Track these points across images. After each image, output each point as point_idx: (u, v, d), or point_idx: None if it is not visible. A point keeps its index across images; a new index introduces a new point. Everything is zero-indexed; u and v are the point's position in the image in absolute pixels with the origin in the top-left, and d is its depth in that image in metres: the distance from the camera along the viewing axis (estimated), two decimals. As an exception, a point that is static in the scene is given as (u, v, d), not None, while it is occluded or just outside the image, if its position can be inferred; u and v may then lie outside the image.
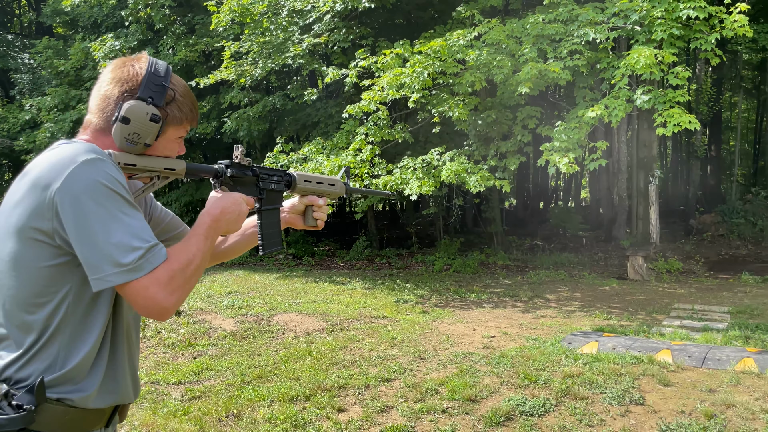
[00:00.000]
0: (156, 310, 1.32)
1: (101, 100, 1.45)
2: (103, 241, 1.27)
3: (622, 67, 7.00)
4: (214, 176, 1.61)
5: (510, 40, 7.81)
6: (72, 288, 1.34)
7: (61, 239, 1.30)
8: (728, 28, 6.75)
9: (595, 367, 5.34)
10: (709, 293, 9.27)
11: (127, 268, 1.28)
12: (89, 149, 1.33)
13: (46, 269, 1.32)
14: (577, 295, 9.30)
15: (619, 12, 7.46)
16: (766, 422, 3.98)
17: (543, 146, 7.65)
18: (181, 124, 1.52)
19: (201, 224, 1.48)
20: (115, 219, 1.29)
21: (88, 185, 1.27)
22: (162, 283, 1.31)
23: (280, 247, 1.83)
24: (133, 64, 1.46)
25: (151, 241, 1.32)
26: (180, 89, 1.51)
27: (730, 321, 7.17)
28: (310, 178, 1.86)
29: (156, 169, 1.49)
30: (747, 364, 5.24)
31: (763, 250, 14.96)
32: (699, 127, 6.88)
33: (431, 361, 5.75)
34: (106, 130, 1.44)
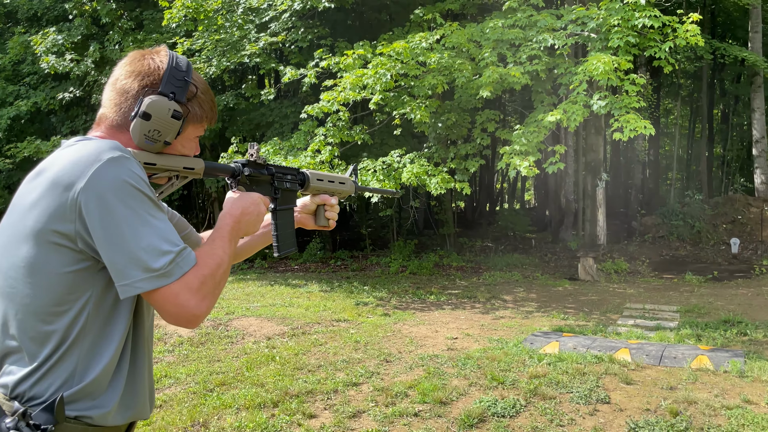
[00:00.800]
0: (186, 317, 1.25)
1: (118, 94, 1.36)
2: (132, 244, 1.19)
3: (580, 73, 7.19)
4: (230, 176, 1.55)
5: (470, 44, 7.89)
6: (93, 294, 1.26)
7: (84, 243, 1.21)
8: (681, 37, 7.04)
9: (559, 366, 5.43)
10: (657, 293, 9.62)
11: (158, 273, 1.20)
12: (113, 146, 1.25)
13: (67, 275, 1.23)
14: (532, 295, 9.47)
15: (576, 19, 7.66)
16: (727, 418, 4.13)
17: (503, 149, 7.76)
18: (201, 122, 1.46)
19: (223, 226, 1.42)
20: (144, 221, 1.21)
21: (115, 185, 1.19)
22: (193, 289, 1.24)
23: (295, 248, 1.78)
24: (153, 57, 1.38)
25: (180, 245, 1.26)
26: (201, 86, 1.44)
27: (680, 320, 7.45)
28: (322, 176, 1.82)
29: (175, 168, 1.42)
30: (702, 362, 5.44)
31: (701, 251, 15.65)
32: (654, 132, 7.15)
33: (397, 364, 5.72)
34: (124, 126, 1.36)
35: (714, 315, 7.63)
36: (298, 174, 1.74)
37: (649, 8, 7.02)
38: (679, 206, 18.02)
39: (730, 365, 5.25)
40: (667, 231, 17.10)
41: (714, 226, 16.85)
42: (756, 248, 15.30)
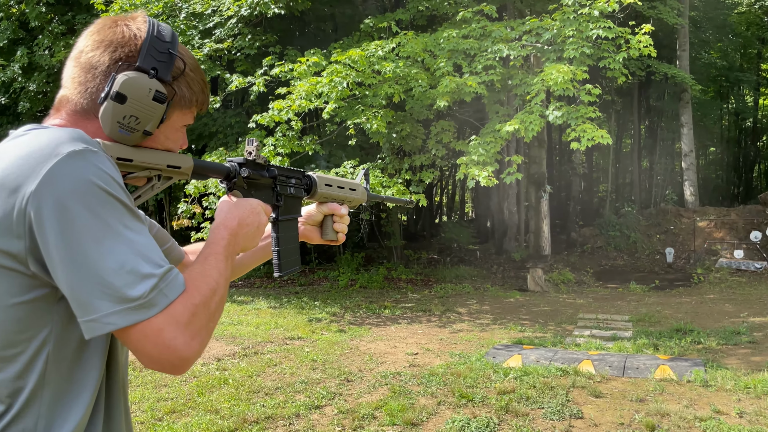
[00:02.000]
0: (172, 360, 0.93)
1: (83, 70, 1.05)
2: (100, 266, 0.89)
3: (537, 83, 7.21)
4: (225, 177, 1.24)
5: (425, 53, 7.80)
6: (52, 332, 0.94)
7: (37, 265, 0.91)
8: (634, 48, 7.18)
9: (526, 381, 5.32)
10: (606, 302, 9.75)
11: (136, 304, 0.89)
12: (75, 136, 0.94)
13: (16, 308, 0.92)
14: (486, 307, 9.41)
15: (531, 30, 7.71)
16: (702, 430, 4.10)
17: (460, 160, 7.69)
18: (190, 107, 1.14)
19: (217, 240, 1.11)
20: (116, 234, 0.91)
21: (78, 187, 0.89)
22: (182, 323, 0.93)
23: (299, 266, 1.49)
24: (128, 24, 1.07)
25: (164, 265, 0.95)
26: (189, 61, 1.13)
27: (633, 329, 7.52)
28: (332, 181, 1.53)
29: (157, 166, 1.10)
30: (665, 372, 5.45)
31: (637, 261, 16.14)
32: (611, 142, 7.23)
33: (360, 384, 5.47)
34: (90, 111, 1.05)
35: (665, 324, 7.75)
36: (304, 177, 1.46)
37: (603, 20, 7.14)
38: (615, 218, 18.60)
39: (693, 375, 5.28)
40: (604, 242, 17.58)
41: (648, 236, 17.46)
42: (689, 257, 15.91)
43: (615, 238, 17.37)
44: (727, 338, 6.72)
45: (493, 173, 7.41)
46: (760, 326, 7.35)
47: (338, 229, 1.54)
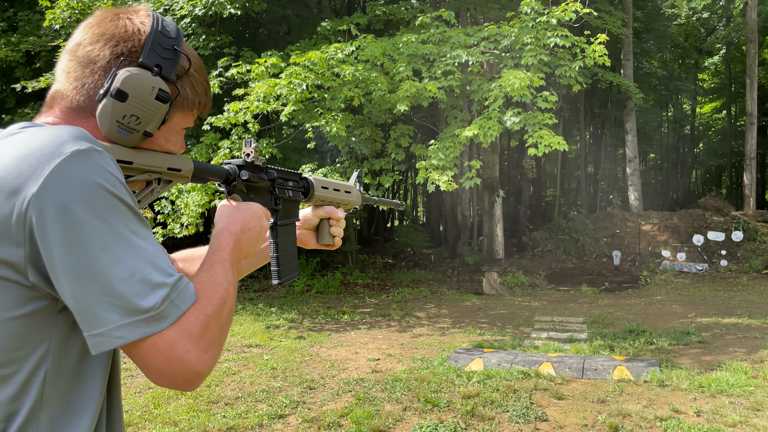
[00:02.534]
0: (185, 376, 0.87)
1: (81, 64, 0.97)
2: (109, 275, 0.82)
3: (495, 89, 7.29)
4: (224, 181, 1.18)
5: (384, 57, 7.78)
6: (51, 347, 0.86)
7: (37, 274, 0.83)
8: (589, 57, 7.37)
9: (489, 384, 5.35)
10: (560, 305, 9.94)
11: (147, 316, 0.83)
12: (78, 134, 0.86)
13: (12, 323, 0.84)
14: (444, 311, 9.45)
15: (489, 36, 7.80)
16: (664, 430, 4.20)
17: (419, 164, 7.70)
18: (192, 109, 1.08)
19: (222, 247, 1.05)
20: (124, 241, 0.84)
21: (83, 189, 0.82)
22: (194, 336, 0.88)
23: (298, 273, 1.43)
24: (130, 17, 1.00)
25: (174, 274, 0.89)
26: (194, 60, 1.07)
27: (588, 331, 7.68)
28: (327, 184, 1.47)
29: (158, 169, 1.03)
30: (623, 373, 5.58)
31: (586, 264, 16.57)
32: (567, 148, 7.39)
33: (323, 391, 5.38)
34: (87, 109, 0.97)
35: (618, 325, 7.95)
36: (301, 180, 1.40)
37: (560, 29, 7.29)
38: (564, 222, 19.06)
39: (650, 375, 5.42)
40: (554, 245, 17.98)
41: (596, 239, 17.95)
42: (634, 260, 16.43)
43: (564, 241, 17.79)
44: (678, 339, 6.94)
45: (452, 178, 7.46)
46: (708, 326, 7.63)
47: (335, 233, 1.49)
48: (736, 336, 7.01)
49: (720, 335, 7.12)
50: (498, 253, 12.50)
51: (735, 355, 6.11)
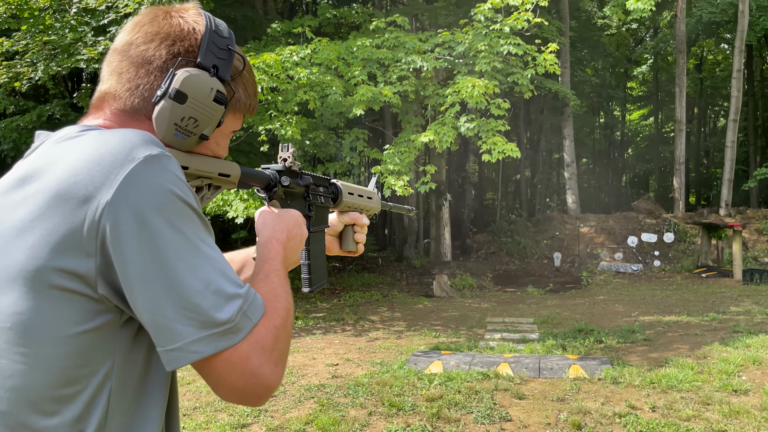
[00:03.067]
0: (257, 390, 0.84)
1: (134, 64, 0.93)
2: (185, 286, 0.79)
3: (451, 95, 7.39)
4: (265, 187, 1.16)
5: (339, 61, 7.76)
6: (115, 363, 0.82)
7: (106, 286, 0.79)
8: (540, 65, 7.59)
9: (451, 386, 5.41)
10: (509, 306, 10.16)
11: (223, 329, 0.80)
12: (147, 139, 0.83)
13: (78, 339, 0.79)
14: (397, 314, 9.49)
15: (443, 43, 7.91)
16: (623, 426, 4.35)
17: (375, 169, 7.71)
18: (242, 111, 1.05)
19: (273, 256, 1.02)
20: (197, 251, 0.81)
21: (157, 197, 0.79)
22: (267, 349, 0.85)
23: (326, 281, 1.41)
24: (182, 16, 0.96)
25: (243, 284, 0.86)
26: (246, 60, 1.04)
27: (539, 331, 7.88)
28: (353, 189, 1.45)
29: (209, 174, 1.00)
30: (578, 371, 5.75)
31: (528, 265, 17.02)
32: (519, 155, 7.57)
33: (284, 398, 5.30)
34: (141, 111, 0.93)
35: (566, 325, 8.19)
36: (330, 186, 1.38)
37: (513, 37, 7.47)
38: (506, 224, 19.52)
39: (604, 373, 5.61)
40: (497, 247, 18.39)
41: (537, 242, 18.47)
42: (573, 261, 17.00)
43: (507, 243, 18.22)
44: (625, 337, 7.21)
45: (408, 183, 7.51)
46: (650, 324, 7.97)
47: (359, 240, 1.48)
48: (678, 333, 7.35)
49: (663, 333, 7.45)
50: (446, 255, 12.67)
51: (679, 351, 6.41)
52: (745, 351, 6.10)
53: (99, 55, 8.40)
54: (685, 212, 18.62)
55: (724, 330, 7.26)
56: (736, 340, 6.62)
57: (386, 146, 8.14)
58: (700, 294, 10.56)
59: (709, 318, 8.07)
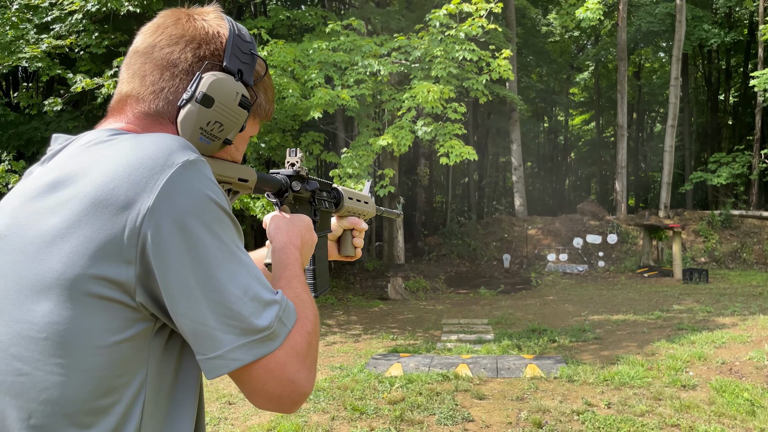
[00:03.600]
0: (293, 397, 0.84)
1: (159, 67, 0.91)
2: (225, 293, 0.78)
3: (408, 99, 7.44)
4: (276, 192, 1.15)
5: (295, 63, 7.69)
6: (148, 375, 0.81)
7: (145, 295, 0.78)
8: (494, 71, 7.73)
9: (412, 389, 5.44)
10: (463, 307, 10.30)
11: (262, 336, 0.80)
12: (183, 144, 0.82)
13: (115, 348, 0.78)
14: (353, 318, 9.47)
15: (400, 47, 7.96)
16: (582, 423, 4.48)
17: (332, 172, 7.68)
18: (261, 116, 1.05)
19: (292, 262, 1.02)
20: (234, 257, 0.81)
21: (197, 203, 0.79)
22: (302, 355, 0.85)
23: (329, 286, 1.41)
24: (205, 19, 0.95)
25: (276, 291, 0.86)
26: (266, 65, 1.04)
27: (494, 332, 8.02)
28: (351, 194, 1.46)
29: (230, 179, 1.00)
30: (534, 371, 5.89)
31: (478, 267, 17.29)
32: (476, 158, 7.69)
33: (243, 405, 5.22)
34: (165, 115, 0.91)
35: (520, 325, 8.37)
36: (332, 190, 1.39)
37: (468, 43, 7.59)
38: (457, 227, 19.78)
39: (559, 371, 5.76)
40: (448, 249, 18.61)
41: (486, 244, 18.78)
42: (521, 262, 17.38)
43: (458, 246, 18.46)
44: (577, 336, 7.42)
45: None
46: (600, 323, 8.23)
47: (357, 245, 1.48)
48: (626, 331, 7.61)
49: (612, 331, 7.70)
50: (399, 258, 12.74)
51: (629, 349, 6.64)
52: (691, 347, 6.38)
53: (42, 54, 8.08)
54: (627, 214, 19.30)
55: (670, 327, 7.56)
56: (681, 337, 6.92)
57: (344, 150, 8.12)
58: (644, 293, 10.97)
59: (654, 316, 8.39)
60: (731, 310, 8.52)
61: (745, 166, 18.92)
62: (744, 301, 9.38)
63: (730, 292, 10.61)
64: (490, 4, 7.55)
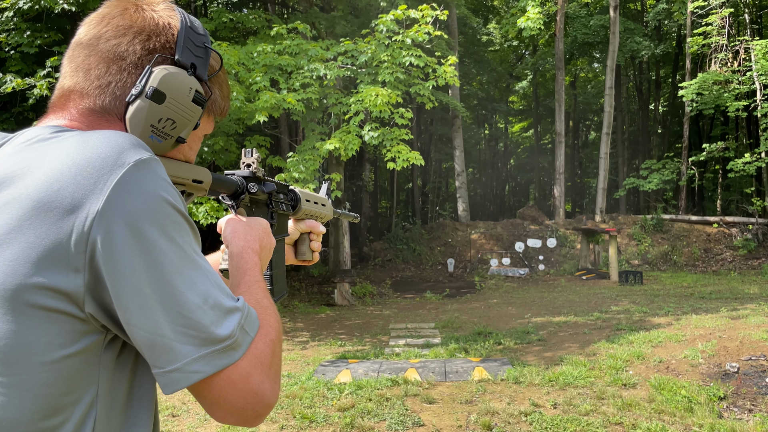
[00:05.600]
0: (257, 409, 0.79)
1: (104, 60, 0.85)
2: (183, 301, 0.73)
3: (355, 104, 7.43)
4: (232, 194, 1.10)
5: (239, 66, 7.56)
6: (99, 391, 0.75)
7: (94, 304, 0.72)
8: (441, 77, 7.82)
9: (361, 395, 5.41)
10: (409, 312, 10.34)
11: (223, 346, 0.75)
12: (134, 142, 0.77)
13: (63, 363, 0.72)
14: (300, 325, 9.36)
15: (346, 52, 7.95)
16: (530, 424, 4.56)
17: (278, 176, 7.58)
18: (216, 113, 1.00)
19: (251, 266, 0.97)
20: (192, 263, 0.76)
21: (151, 205, 0.73)
22: (266, 364, 0.81)
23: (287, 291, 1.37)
24: (154, 10, 0.89)
25: (237, 297, 0.82)
26: (221, 59, 0.99)
27: (442, 335, 8.09)
28: (309, 196, 1.41)
29: (184, 180, 0.94)
30: (481, 373, 5.96)
31: (423, 271, 17.43)
32: (423, 162, 7.74)
33: (188, 417, 5.07)
34: (112, 111, 0.85)
35: (466, 328, 8.47)
36: (289, 192, 1.34)
37: (414, 49, 7.66)
38: (402, 232, 19.89)
39: (506, 373, 5.85)
40: (393, 255, 18.69)
41: (431, 248, 18.96)
42: (465, 266, 17.63)
43: (403, 251, 18.56)
44: (521, 338, 7.57)
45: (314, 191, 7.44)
46: (542, 325, 8.42)
47: (315, 248, 1.44)
48: (568, 333, 7.82)
49: (554, 333, 7.89)
50: (346, 263, 12.68)
51: (571, 350, 6.82)
52: (629, 347, 6.60)
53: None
54: (565, 219, 19.88)
55: (609, 328, 7.81)
56: (620, 337, 7.16)
57: (290, 154, 8.03)
58: (583, 295, 11.31)
59: (594, 317, 8.65)
60: (665, 310, 8.88)
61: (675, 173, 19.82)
62: (677, 301, 9.80)
63: (664, 293, 11.07)
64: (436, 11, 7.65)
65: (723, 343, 6.31)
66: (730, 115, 17.55)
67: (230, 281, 0.97)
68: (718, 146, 18.38)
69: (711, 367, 5.72)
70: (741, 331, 6.78)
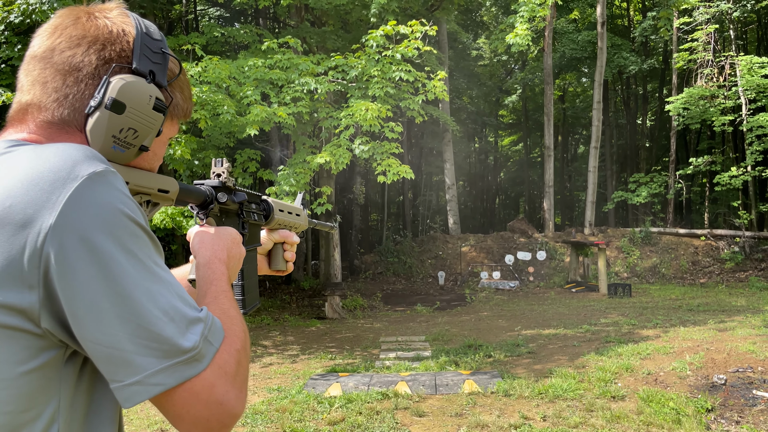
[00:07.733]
0: (223, 420, 0.79)
1: (59, 72, 0.85)
2: (142, 314, 0.74)
3: (345, 118, 7.48)
4: (201, 204, 1.10)
5: (230, 80, 7.60)
6: (60, 407, 0.76)
7: (50, 320, 0.73)
8: (430, 92, 7.90)
9: (351, 408, 5.41)
10: (400, 325, 10.34)
11: (187, 357, 0.76)
12: (89, 154, 0.77)
13: (22, 380, 0.73)
14: (290, 338, 9.33)
15: (336, 66, 8.01)
16: (519, 435, 4.57)
17: (269, 189, 7.60)
18: (180, 116, 1.00)
19: (219, 277, 0.97)
20: (152, 275, 0.76)
21: (106, 218, 0.74)
22: (230, 375, 0.81)
23: (259, 302, 1.38)
24: (108, 17, 0.88)
25: (200, 307, 0.83)
26: (180, 62, 0.99)
27: (432, 348, 8.10)
28: (282, 206, 1.41)
29: (149, 190, 0.94)
30: (471, 386, 5.97)
31: (414, 284, 17.44)
32: (413, 176, 7.79)
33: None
34: (72, 123, 0.85)
35: (457, 341, 8.48)
36: (262, 202, 1.34)
37: (404, 63, 7.74)
38: (393, 245, 19.92)
39: (496, 386, 5.87)
40: (384, 267, 18.70)
41: (421, 261, 18.99)
42: (456, 279, 17.66)
43: (393, 264, 18.58)
44: (511, 350, 7.59)
45: (305, 204, 7.46)
46: (532, 338, 8.45)
47: (288, 258, 1.42)
48: (557, 345, 7.85)
49: (544, 345, 7.92)
50: (336, 276, 12.66)
51: (560, 362, 6.85)
52: (618, 359, 6.64)
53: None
54: (555, 232, 19.99)
55: (598, 341, 7.86)
56: (609, 349, 7.20)
57: (280, 167, 8.06)
58: (572, 308, 11.36)
59: (583, 330, 8.70)
60: (654, 322, 8.94)
61: (662, 186, 20.01)
62: (665, 314, 9.87)
63: (652, 305, 11.14)
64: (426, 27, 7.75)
65: (710, 355, 6.36)
66: (716, 129, 17.78)
67: (197, 291, 0.97)
68: (704, 160, 18.60)
69: (699, 379, 5.76)
70: (728, 343, 6.85)
